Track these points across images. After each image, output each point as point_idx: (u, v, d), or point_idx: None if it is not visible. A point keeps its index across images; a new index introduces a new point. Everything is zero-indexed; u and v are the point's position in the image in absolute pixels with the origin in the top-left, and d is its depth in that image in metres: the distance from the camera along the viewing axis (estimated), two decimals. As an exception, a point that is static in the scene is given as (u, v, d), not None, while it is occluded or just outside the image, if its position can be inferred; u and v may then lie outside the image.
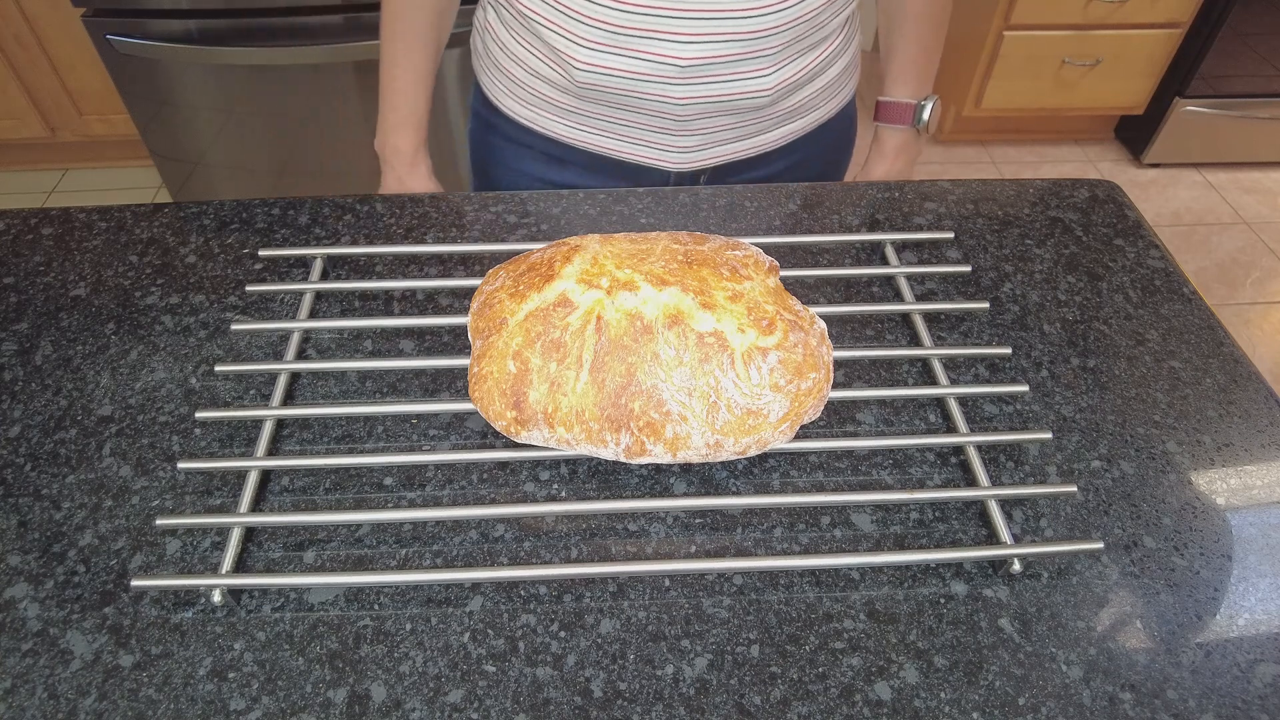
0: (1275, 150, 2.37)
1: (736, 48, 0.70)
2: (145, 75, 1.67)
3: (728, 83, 0.72)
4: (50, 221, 0.69)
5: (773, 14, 0.68)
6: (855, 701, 0.43)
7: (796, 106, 0.79)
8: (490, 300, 0.51)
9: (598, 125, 0.78)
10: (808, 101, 0.80)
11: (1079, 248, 0.69)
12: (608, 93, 0.73)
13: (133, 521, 0.50)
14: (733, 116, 0.76)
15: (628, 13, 0.67)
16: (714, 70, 0.71)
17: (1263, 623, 0.46)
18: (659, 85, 0.72)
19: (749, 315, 0.48)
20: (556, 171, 0.83)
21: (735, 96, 0.73)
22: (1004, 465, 0.53)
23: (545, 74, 0.75)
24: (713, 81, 0.72)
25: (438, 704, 0.43)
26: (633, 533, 0.50)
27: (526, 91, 0.79)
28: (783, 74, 0.74)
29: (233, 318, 0.62)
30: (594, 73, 0.71)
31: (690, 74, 0.71)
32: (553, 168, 0.83)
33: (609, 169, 0.81)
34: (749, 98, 0.74)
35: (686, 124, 0.76)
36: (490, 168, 0.88)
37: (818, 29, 0.73)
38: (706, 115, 0.75)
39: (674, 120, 0.75)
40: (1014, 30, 2.11)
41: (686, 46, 0.69)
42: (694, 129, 0.76)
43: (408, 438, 0.54)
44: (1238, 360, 0.60)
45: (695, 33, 0.68)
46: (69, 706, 0.42)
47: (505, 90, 0.81)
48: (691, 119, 0.75)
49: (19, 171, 2.32)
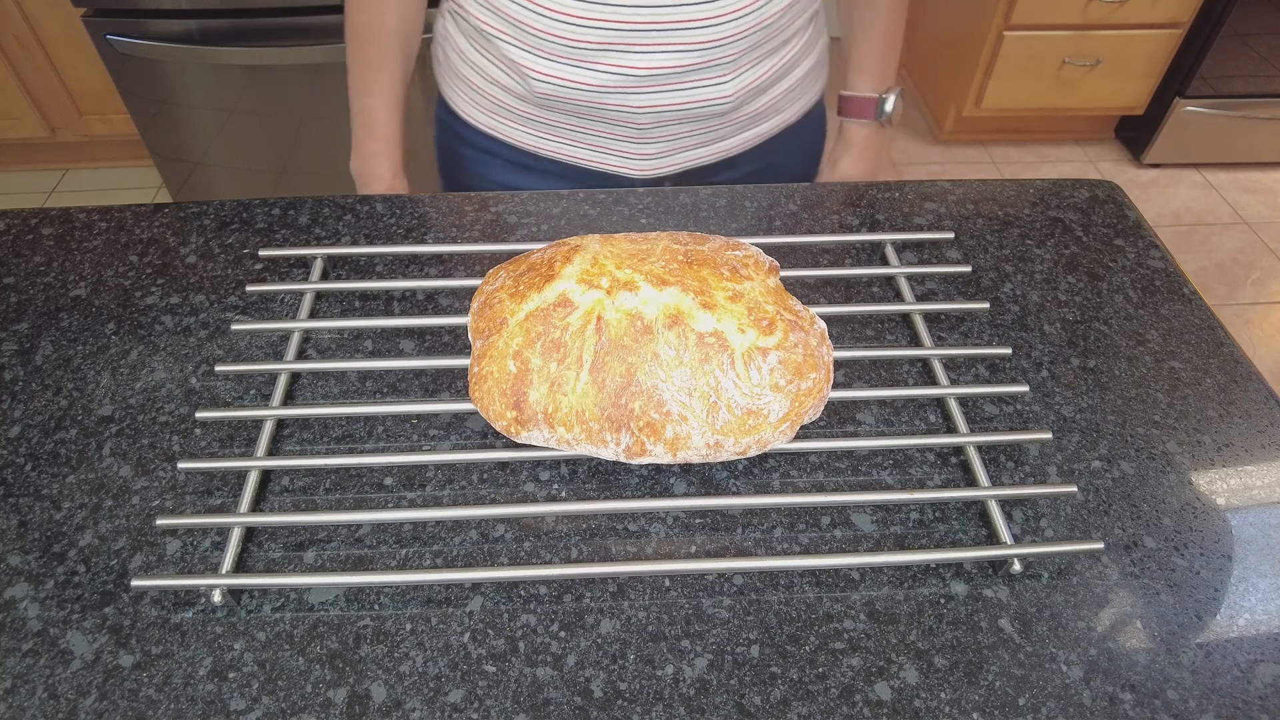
0: (1275, 150, 2.37)
1: (694, 57, 0.70)
2: (145, 75, 1.67)
3: (687, 90, 0.72)
4: (50, 221, 0.69)
5: (729, 22, 0.68)
6: (855, 702, 0.43)
7: (760, 111, 0.79)
8: (490, 300, 0.51)
9: (559, 133, 0.78)
10: (772, 105, 0.80)
11: (1079, 248, 0.69)
12: (567, 103, 0.73)
13: (133, 521, 0.50)
14: (694, 123, 0.76)
15: (583, 27, 0.67)
16: (673, 79, 0.71)
17: (1263, 623, 0.46)
18: (618, 95, 0.72)
19: (749, 315, 0.48)
20: (522, 178, 0.83)
21: (696, 104, 0.73)
22: (1004, 465, 0.53)
23: (505, 83, 0.75)
24: (672, 90, 0.72)
25: (438, 704, 0.43)
26: (633, 533, 0.50)
27: (488, 100, 0.79)
28: (743, 80, 0.74)
29: (233, 318, 0.62)
30: (552, 84, 0.71)
31: (649, 84, 0.71)
32: (518, 174, 0.83)
33: (573, 175, 0.81)
34: (710, 105, 0.73)
35: (647, 131, 0.75)
36: (457, 174, 0.87)
37: (778, 33, 0.73)
38: (667, 123, 0.75)
39: (635, 129, 0.75)
40: (1014, 30, 2.11)
41: (643, 57, 0.69)
42: (655, 136, 0.76)
43: (408, 438, 0.54)
44: (1238, 360, 0.60)
45: (652, 44, 0.68)
46: (69, 706, 0.42)
47: (467, 99, 0.81)
48: (652, 127, 0.75)
49: (19, 171, 2.32)
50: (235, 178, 1.89)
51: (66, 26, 1.90)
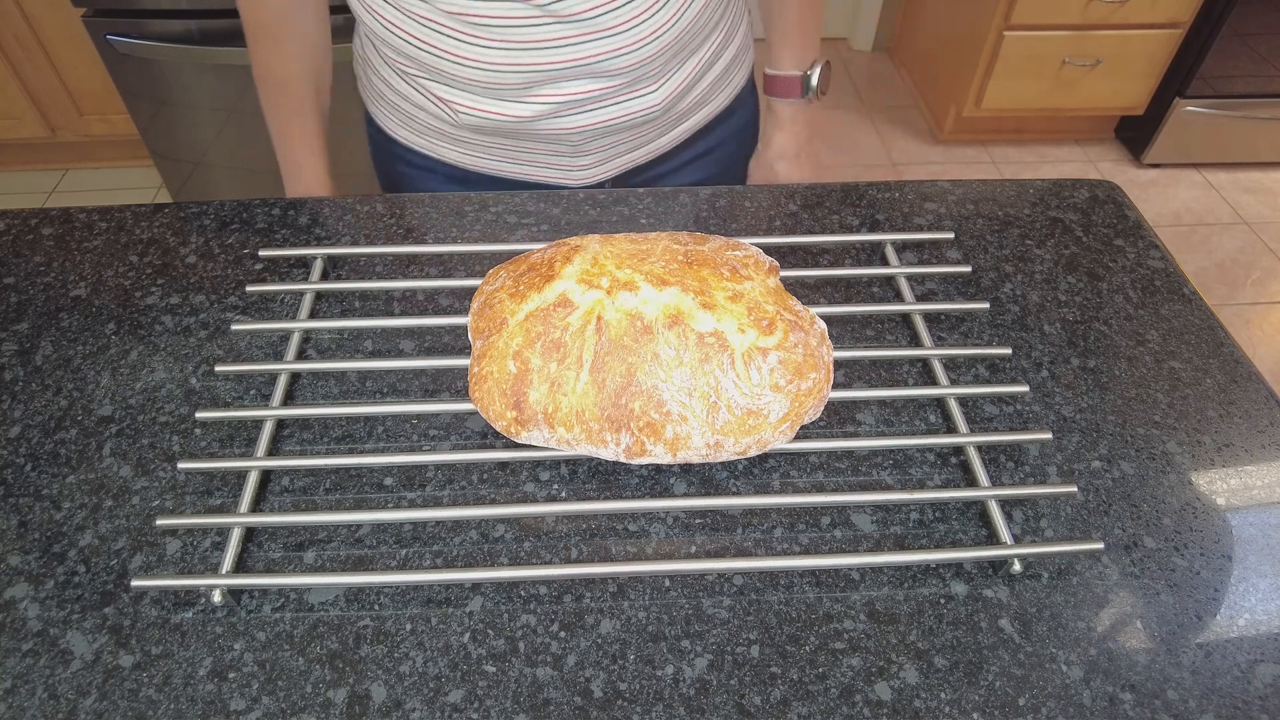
0: (1275, 150, 2.37)
1: (619, 80, 0.70)
2: (145, 75, 1.67)
3: (616, 106, 0.72)
4: (50, 221, 0.69)
5: (649, 44, 0.68)
6: (855, 702, 0.43)
7: (689, 106, 0.79)
8: (490, 300, 0.51)
9: (493, 153, 0.78)
10: (700, 98, 0.79)
11: (1079, 248, 0.69)
12: (496, 131, 0.73)
13: (133, 521, 0.50)
14: (626, 132, 0.76)
15: (503, 73, 0.67)
16: (600, 100, 0.71)
17: (1263, 623, 0.46)
18: (548, 120, 0.71)
19: (749, 315, 0.48)
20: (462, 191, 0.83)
21: (626, 117, 0.73)
22: (1004, 465, 0.53)
23: (432, 110, 0.74)
24: (601, 108, 0.72)
25: (438, 704, 0.43)
26: (633, 533, 0.50)
27: (417, 123, 0.78)
28: (669, 86, 0.73)
29: (233, 318, 0.62)
30: (478, 116, 0.71)
31: (577, 107, 0.71)
32: (458, 189, 0.82)
33: (513, 188, 0.81)
34: (640, 115, 0.73)
35: (581, 146, 0.75)
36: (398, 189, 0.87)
37: (698, 34, 0.73)
38: (599, 136, 0.75)
39: (568, 145, 0.75)
40: (1014, 30, 2.11)
41: (569, 86, 0.69)
42: (589, 149, 0.76)
43: (408, 438, 0.54)
44: (1238, 360, 0.60)
45: (575, 76, 0.68)
46: (69, 707, 0.42)
47: (396, 121, 0.80)
48: (585, 142, 0.75)
49: (19, 171, 2.32)
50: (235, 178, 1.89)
51: (66, 26, 1.90)
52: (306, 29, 0.76)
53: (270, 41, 0.76)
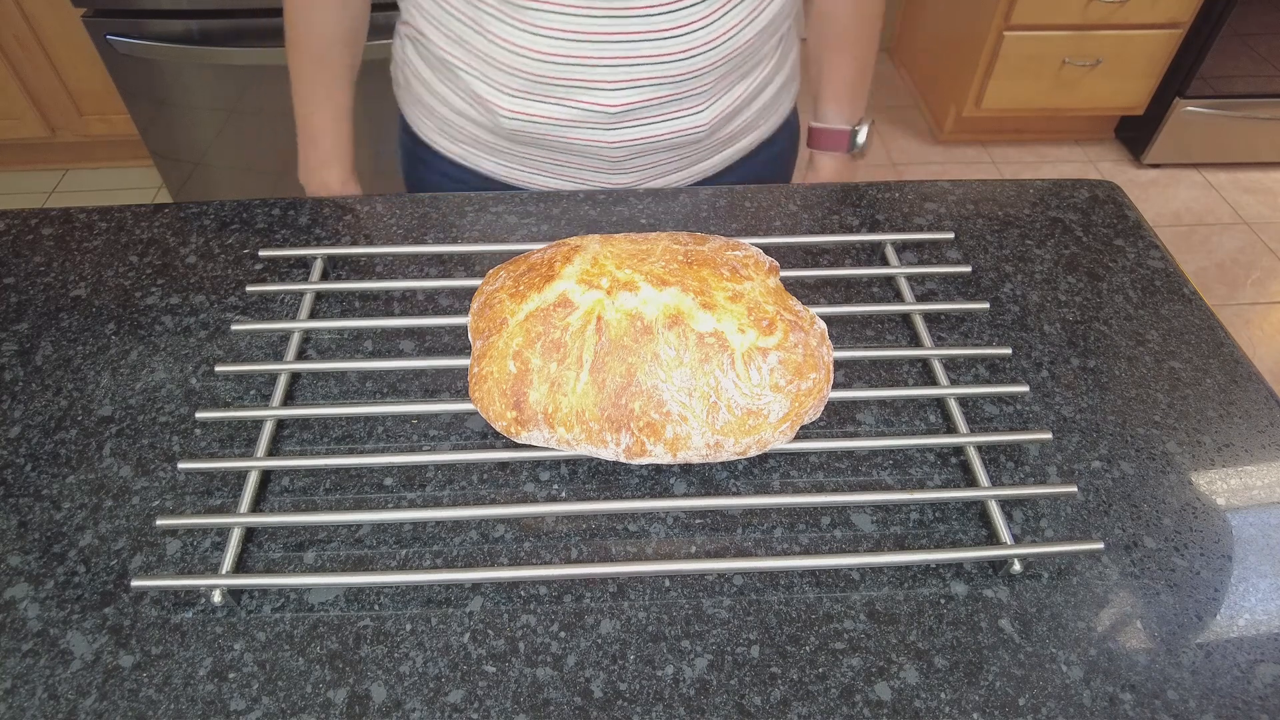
0: (1275, 150, 2.37)
1: (667, 90, 0.68)
2: (145, 75, 1.67)
3: (661, 123, 0.71)
4: (50, 222, 0.69)
5: (701, 55, 0.66)
6: (855, 702, 0.43)
7: (734, 132, 0.78)
8: (490, 300, 0.51)
9: (530, 164, 0.76)
10: (745, 125, 0.78)
11: (1079, 248, 0.69)
12: (537, 138, 0.71)
13: (133, 522, 0.50)
14: (668, 152, 0.74)
15: (550, 64, 0.65)
16: (646, 113, 0.69)
17: (1263, 623, 0.46)
18: (589, 130, 0.70)
19: (749, 315, 0.48)
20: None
21: (670, 135, 0.72)
22: (1004, 465, 0.53)
23: (471, 115, 0.73)
24: (645, 124, 0.70)
25: (438, 704, 0.43)
26: (633, 533, 0.50)
27: (453, 129, 0.76)
28: (718, 107, 0.72)
29: (233, 318, 0.62)
30: (520, 120, 0.70)
31: (621, 119, 0.69)
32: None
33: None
34: (684, 135, 0.72)
35: (621, 164, 0.74)
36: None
37: (751, 57, 0.72)
38: (641, 154, 0.73)
39: (608, 161, 0.73)
40: (1014, 30, 2.11)
41: (615, 94, 0.67)
42: (629, 168, 0.75)
43: (408, 438, 0.54)
44: (1238, 360, 0.60)
45: (623, 79, 0.66)
46: (69, 707, 0.42)
47: (432, 126, 0.79)
48: (625, 159, 0.73)
49: (19, 171, 2.32)
50: (235, 178, 1.89)
51: (66, 26, 1.90)
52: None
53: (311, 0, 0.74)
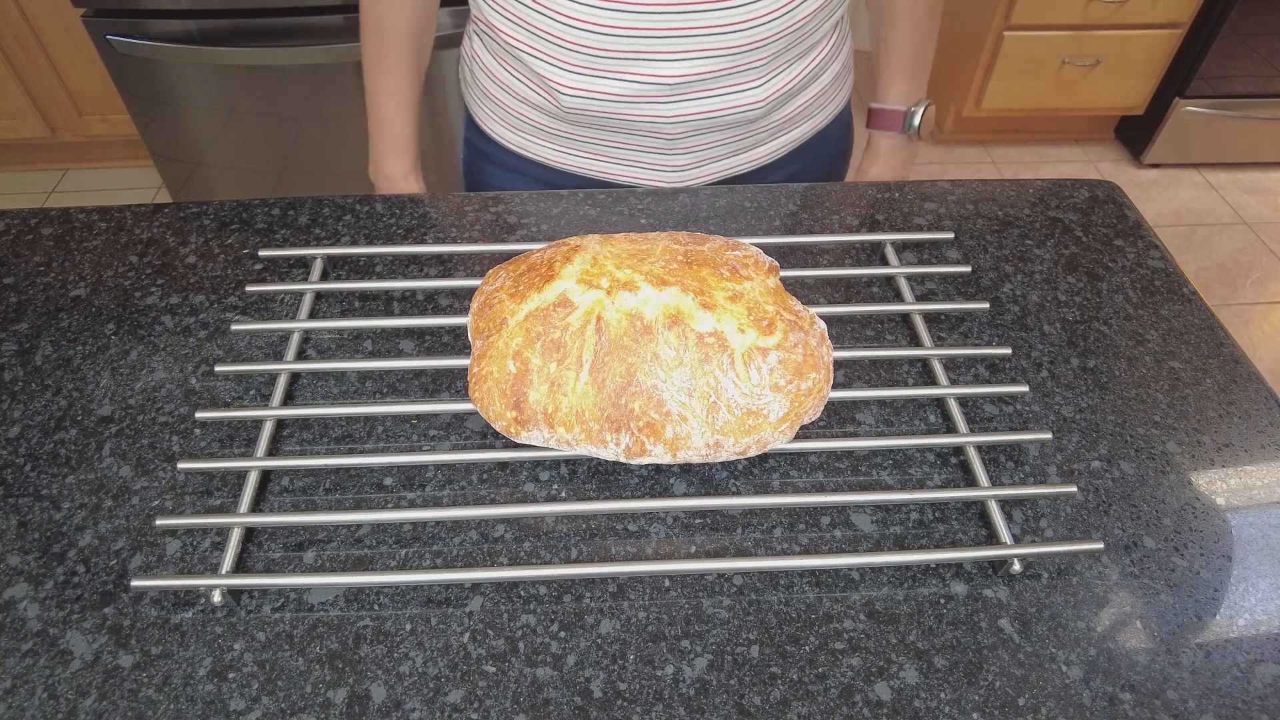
0: (1275, 150, 2.37)
1: (724, 62, 0.69)
2: (145, 75, 1.67)
3: (718, 98, 0.71)
4: (50, 221, 0.69)
5: (759, 26, 0.67)
6: (855, 702, 0.43)
7: (790, 117, 0.79)
8: (490, 300, 0.51)
9: (589, 149, 0.78)
10: (801, 111, 0.79)
11: (1079, 248, 0.69)
12: (596, 116, 0.73)
13: (133, 522, 0.50)
14: (725, 131, 0.75)
15: (610, 36, 0.66)
16: (703, 86, 0.70)
17: (1263, 623, 0.46)
18: (647, 105, 0.71)
19: (749, 315, 0.48)
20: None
21: (726, 111, 0.72)
22: (1004, 465, 0.53)
23: (533, 100, 0.75)
24: (702, 97, 0.71)
25: (438, 704, 0.43)
26: (633, 533, 0.50)
27: (516, 118, 0.78)
28: (773, 85, 0.73)
29: (233, 318, 0.62)
30: (581, 97, 0.71)
31: (678, 91, 0.70)
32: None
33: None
34: (740, 111, 0.73)
35: (678, 142, 0.75)
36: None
37: (806, 37, 0.72)
38: (698, 132, 0.74)
39: (665, 139, 0.75)
40: (1014, 30, 2.11)
41: (673, 65, 0.68)
42: (686, 147, 0.76)
43: (408, 438, 0.54)
44: (1238, 360, 0.60)
45: (681, 50, 0.67)
46: (69, 707, 0.42)
47: (496, 118, 0.81)
48: (682, 137, 0.74)
49: (19, 171, 2.32)
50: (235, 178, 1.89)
51: (66, 26, 1.90)
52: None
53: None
